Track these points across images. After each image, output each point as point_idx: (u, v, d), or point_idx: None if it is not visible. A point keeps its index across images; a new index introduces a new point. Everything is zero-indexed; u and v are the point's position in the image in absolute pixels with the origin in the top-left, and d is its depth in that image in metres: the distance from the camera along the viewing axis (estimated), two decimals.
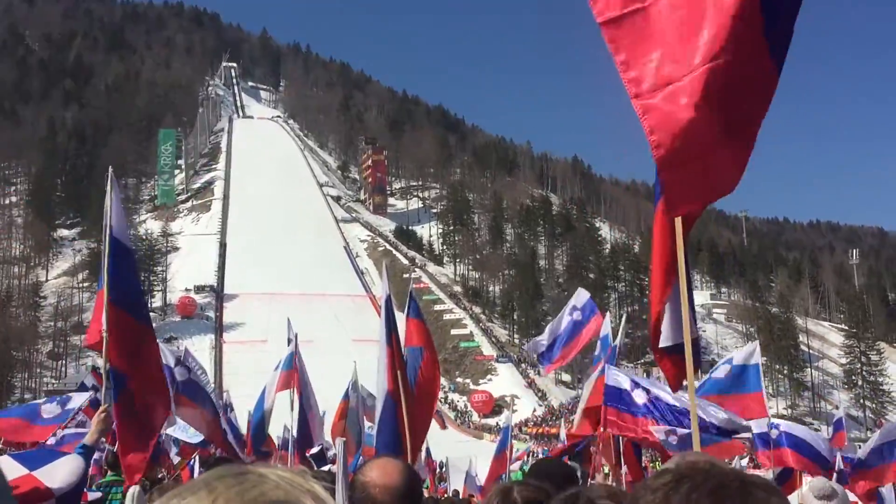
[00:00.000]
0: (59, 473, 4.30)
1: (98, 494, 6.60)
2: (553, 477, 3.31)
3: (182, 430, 13.45)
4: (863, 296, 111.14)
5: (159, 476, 8.69)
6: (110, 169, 5.72)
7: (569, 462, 10.06)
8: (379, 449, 6.79)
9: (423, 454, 18.70)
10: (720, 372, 9.30)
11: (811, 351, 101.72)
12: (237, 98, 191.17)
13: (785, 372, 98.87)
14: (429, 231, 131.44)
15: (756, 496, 0.76)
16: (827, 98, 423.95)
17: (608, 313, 14.80)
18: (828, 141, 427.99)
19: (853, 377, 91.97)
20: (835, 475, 10.01)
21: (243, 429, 13.03)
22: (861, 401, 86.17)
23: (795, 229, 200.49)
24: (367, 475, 2.23)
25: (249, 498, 0.76)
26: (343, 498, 3.21)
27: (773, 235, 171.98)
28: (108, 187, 5.33)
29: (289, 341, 11.55)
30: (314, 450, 13.01)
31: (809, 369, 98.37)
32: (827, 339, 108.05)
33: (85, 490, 5.39)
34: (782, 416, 50.04)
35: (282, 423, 13.24)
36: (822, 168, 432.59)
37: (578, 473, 9.21)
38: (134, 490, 5.02)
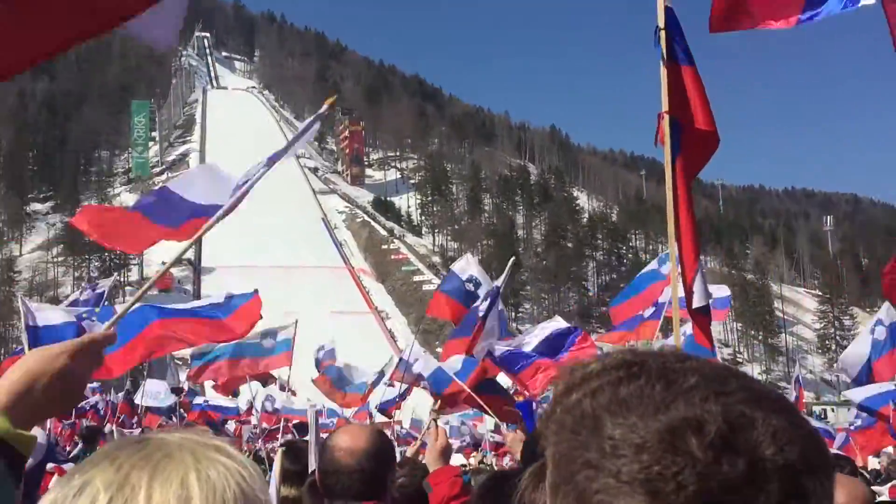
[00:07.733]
0: None
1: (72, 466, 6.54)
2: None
3: (151, 397, 13.36)
4: (837, 262, 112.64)
5: None
6: None
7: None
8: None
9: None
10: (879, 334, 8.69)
11: (786, 317, 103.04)
12: (211, 69, 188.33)
13: (760, 337, 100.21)
14: (407, 202, 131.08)
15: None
16: (801, 65, 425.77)
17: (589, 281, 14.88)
18: (802, 108, 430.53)
19: (827, 342, 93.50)
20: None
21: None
22: (834, 365, 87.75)
23: (771, 196, 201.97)
24: (334, 441, 2.27)
25: (156, 460, 0.76)
26: (315, 463, 3.20)
27: (748, 203, 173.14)
28: None
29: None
30: (296, 420, 13.06)
31: (784, 335, 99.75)
32: (801, 304, 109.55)
33: (58, 465, 5.33)
34: None
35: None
36: (796, 135, 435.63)
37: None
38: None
